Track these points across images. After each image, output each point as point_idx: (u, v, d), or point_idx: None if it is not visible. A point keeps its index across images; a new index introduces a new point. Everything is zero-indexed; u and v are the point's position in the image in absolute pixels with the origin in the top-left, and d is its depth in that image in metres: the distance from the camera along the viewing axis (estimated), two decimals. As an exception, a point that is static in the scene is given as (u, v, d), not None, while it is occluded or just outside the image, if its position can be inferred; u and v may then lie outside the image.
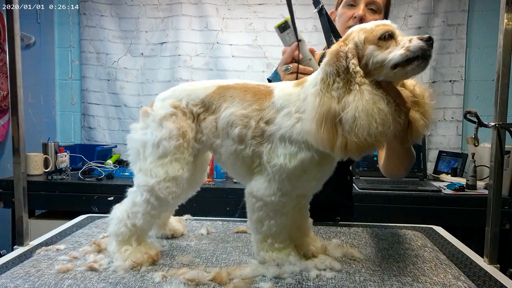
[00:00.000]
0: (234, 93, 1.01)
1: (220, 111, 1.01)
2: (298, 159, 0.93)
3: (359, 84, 0.85)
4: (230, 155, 1.01)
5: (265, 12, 3.19)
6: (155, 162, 1.00)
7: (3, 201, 2.61)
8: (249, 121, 0.97)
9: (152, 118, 1.04)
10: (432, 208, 2.44)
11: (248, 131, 0.97)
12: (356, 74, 0.86)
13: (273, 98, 0.98)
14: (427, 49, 0.83)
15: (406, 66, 0.85)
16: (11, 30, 1.13)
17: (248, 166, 1.00)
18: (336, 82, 0.87)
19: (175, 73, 3.25)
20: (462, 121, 3.12)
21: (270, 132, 0.95)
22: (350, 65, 0.86)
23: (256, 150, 0.97)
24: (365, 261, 1.05)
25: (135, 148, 1.05)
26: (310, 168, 0.95)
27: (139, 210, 1.01)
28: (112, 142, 3.36)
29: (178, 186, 1.01)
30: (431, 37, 0.84)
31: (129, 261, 0.97)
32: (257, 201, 0.98)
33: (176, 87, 1.09)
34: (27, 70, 2.99)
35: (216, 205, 2.49)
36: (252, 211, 1.00)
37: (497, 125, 1.08)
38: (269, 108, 0.97)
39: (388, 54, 0.85)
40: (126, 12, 3.29)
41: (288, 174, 0.94)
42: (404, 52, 0.84)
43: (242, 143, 0.98)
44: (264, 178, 0.97)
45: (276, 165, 0.94)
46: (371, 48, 0.87)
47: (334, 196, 1.48)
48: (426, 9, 3.09)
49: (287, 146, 0.94)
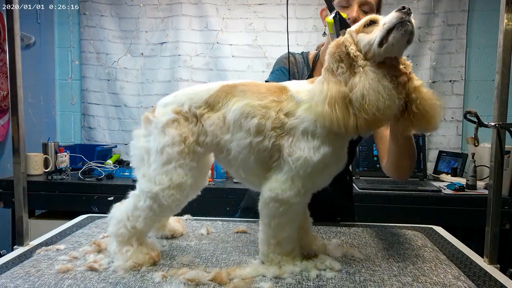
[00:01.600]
0: (245, 88, 1.01)
1: (229, 106, 0.99)
2: (321, 152, 0.93)
3: (362, 66, 0.92)
4: (243, 149, 0.98)
5: (265, 12, 3.19)
6: (159, 168, 0.99)
7: (3, 201, 2.60)
8: (268, 111, 0.96)
9: (154, 125, 1.03)
10: (432, 208, 2.44)
11: (267, 121, 0.95)
12: (357, 57, 0.93)
13: (289, 92, 0.99)
14: (402, 16, 0.89)
15: (388, 37, 0.90)
16: (11, 30, 1.13)
17: (264, 161, 0.98)
18: (340, 67, 0.93)
19: (175, 73, 3.25)
20: (462, 121, 3.12)
21: (291, 125, 0.95)
22: (350, 51, 0.93)
23: (277, 143, 0.96)
24: (365, 261, 1.06)
25: (139, 155, 1.05)
26: (331, 162, 0.96)
27: (141, 214, 1.00)
28: (112, 142, 3.36)
29: (182, 193, 1.00)
30: (404, 6, 0.90)
31: (130, 262, 0.97)
32: (282, 205, 0.95)
33: (177, 92, 1.08)
34: (27, 70, 2.99)
35: (216, 205, 2.49)
36: (272, 217, 0.96)
37: (497, 125, 1.08)
38: (288, 100, 0.97)
39: (373, 35, 0.93)
40: (126, 12, 3.29)
41: (312, 168, 0.93)
42: (383, 27, 0.91)
43: (260, 134, 0.96)
44: (286, 175, 0.95)
45: (300, 158, 0.93)
46: (359, 35, 0.95)
47: (334, 196, 1.48)
48: (426, 9, 3.09)
49: (309, 139, 0.94)
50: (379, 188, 2.57)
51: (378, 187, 2.59)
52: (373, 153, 2.96)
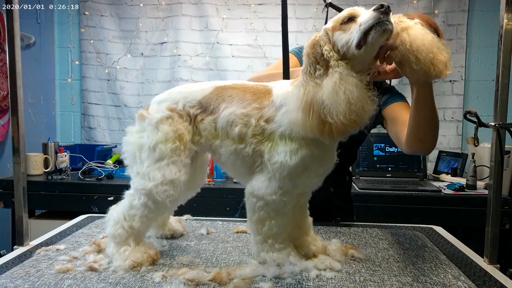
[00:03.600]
0: (233, 93, 1.02)
1: (219, 111, 1.01)
2: (299, 156, 0.93)
3: (333, 67, 0.88)
4: (230, 155, 1.01)
5: (265, 12, 3.19)
6: (152, 165, 1.00)
7: (3, 201, 2.60)
8: (249, 120, 0.97)
9: (148, 122, 1.04)
10: (432, 208, 2.44)
11: (248, 129, 0.97)
12: (331, 58, 0.89)
13: (272, 96, 0.99)
14: (379, 16, 0.85)
15: (366, 39, 0.87)
16: (11, 30, 1.13)
17: (249, 165, 1.00)
18: (317, 69, 0.90)
19: (175, 73, 3.25)
20: (462, 121, 3.12)
21: (270, 130, 0.96)
22: (323, 52, 0.90)
23: (257, 149, 0.97)
24: (365, 261, 1.06)
25: (131, 151, 1.05)
26: (311, 164, 0.95)
27: (137, 213, 1.01)
28: (112, 142, 3.36)
29: (176, 189, 1.01)
30: (383, 4, 0.85)
31: (129, 261, 0.97)
32: (258, 201, 0.97)
33: (171, 90, 1.09)
34: (27, 70, 2.99)
35: (216, 205, 2.49)
36: (252, 212, 0.99)
37: (497, 125, 1.08)
38: (269, 106, 0.97)
39: (350, 35, 0.88)
40: (126, 12, 3.29)
41: (289, 171, 0.94)
42: (359, 28, 0.87)
43: (242, 142, 0.98)
44: (265, 176, 0.97)
45: (277, 162, 0.94)
46: (336, 34, 0.91)
47: (332, 197, 1.47)
48: (426, 9, 3.09)
49: (287, 143, 0.94)
50: (379, 188, 2.57)
51: (378, 187, 2.59)
52: (373, 153, 2.95)
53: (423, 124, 1.10)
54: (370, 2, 3.07)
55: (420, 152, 1.29)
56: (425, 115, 1.08)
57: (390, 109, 1.30)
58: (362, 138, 1.50)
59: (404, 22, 0.93)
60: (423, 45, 0.89)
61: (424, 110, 1.07)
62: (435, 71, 0.91)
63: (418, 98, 1.05)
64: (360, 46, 0.87)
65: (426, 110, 1.07)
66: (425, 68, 0.91)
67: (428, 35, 0.91)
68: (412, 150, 1.19)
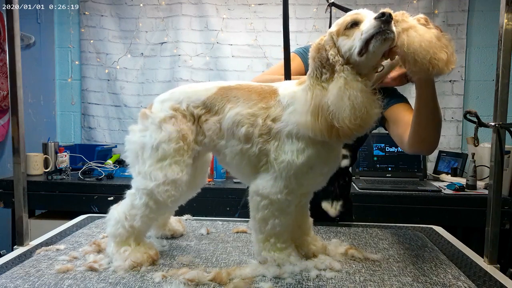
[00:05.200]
0: (238, 94, 1.01)
1: (224, 111, 1.00)
2: (306, 155, 0.93)
3: (338, 72, 0.88)
4: (236, 155, 1.01)
5: (265, 12, 3.19)
6: (154, 165, 1.00)
7: (3, 201, 2.60)
8: (256, 120, 0.97)
9: (151, 121, 1.03)
10: (432, 208, 2.44)
11: (255, 129, 0.97)
12: (336, 63, 0.89)
13: (278, 96, 0.99)
14: (380, 25, 0.85)
15: (368, 47, 0.87)
16: (11, 30, 1.13)
17: (254, 165, 1.00)
18: (323, 74, 0.91)
19: (175, 73, 3.25)
20: (462, 121, 3.12)
21: (277, 130, 0.96)
22: (329, 56, 0.90)
23: (263, 148, 0.97)
24: (365, 261, 1.06)
25: (134, 150, 1.05)
26: (317, 163, 0.96)
27: (138, 213, 1.01)
28: (112, 142, 3.36)
29: (177, 189, 1.00)
30: (384, 12, 0.85)
31: (128, 261, 0.97)
32: (263, 200, 0.97)
33: (175, 89, 1.09)
34: (27, 70, 2.99)
35: (216, 205, 2.49)
36: (256, 210, 0.99)
37: (497, 125, 1.08)
38: (276, 106, 0.98)
39: (353, 42, 0.89)
40: (126, 12, 3.28)
41: (295, 170, 0.94)
42: (361, 37, 0.87)
43: (249, 141, 0.98)
44: (270, 175, 0.97)
45: (283, 161, 0.94)
46: (340, 39, 0.91)
47: (331, 198, 1.47)
48: (426, 9, 3.09)
49: (294, 142, 0.94)
50: (379, 188, 2.57)
51: (378, 187, 2.59)
52: (373, 153, 2.95)
53: (425, 123, 1.10)
54: (370, 2, 3.07)
55: (422, 152, 1.30)
56: (427, 115, 1.08)
57: (392, 111, 1.30)
58: (363, 139, 1.50)
59: (406, 21, 0.92)
60: (420, 47, 0.88)
61: (426, 109, 1.07)
62: (435, 69, 0.90)
63: (420, 97, 1.05)
64: (362, 54, 0.88)
65: (428, 110, 1.07)
66: (424, 68, 0.90)
67: (428, 34, 0.90)
68: (414, 150, 1.19)
